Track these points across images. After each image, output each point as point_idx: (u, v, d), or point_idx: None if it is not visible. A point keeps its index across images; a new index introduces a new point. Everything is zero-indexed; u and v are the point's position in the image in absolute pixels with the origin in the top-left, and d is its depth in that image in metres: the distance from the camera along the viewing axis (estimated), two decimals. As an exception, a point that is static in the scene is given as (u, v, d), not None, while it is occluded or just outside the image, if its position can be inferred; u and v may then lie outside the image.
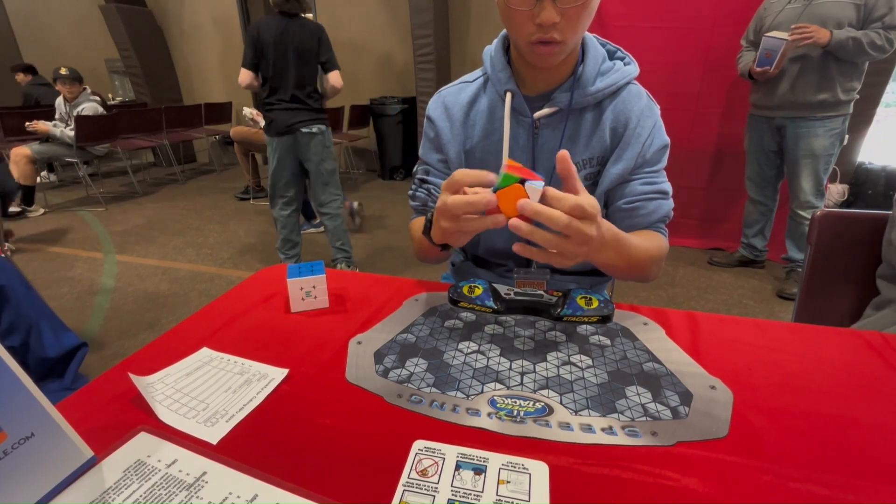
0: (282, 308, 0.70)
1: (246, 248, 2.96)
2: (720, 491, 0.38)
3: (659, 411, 0.47)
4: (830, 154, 2.07)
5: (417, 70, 4.13)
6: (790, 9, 1.97)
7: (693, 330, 0.62)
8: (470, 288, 0.68)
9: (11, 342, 1.26)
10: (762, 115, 2.20)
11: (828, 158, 2.07)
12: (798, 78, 1.99)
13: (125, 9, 4.94)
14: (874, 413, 0.47)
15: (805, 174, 2.11)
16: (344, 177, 4.98)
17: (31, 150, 3.62)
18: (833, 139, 2.04)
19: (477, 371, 0.54)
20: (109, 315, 2.15)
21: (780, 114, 2.11)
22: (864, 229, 0.93)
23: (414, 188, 0.85)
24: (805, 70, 1.97)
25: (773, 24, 2.01)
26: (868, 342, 0.59)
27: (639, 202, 0.73)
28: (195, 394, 0.51)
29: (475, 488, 0.38)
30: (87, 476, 0.40)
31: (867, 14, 1.81)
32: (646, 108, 0.73)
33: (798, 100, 2.02)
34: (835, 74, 1.93)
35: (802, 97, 2.00)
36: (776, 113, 2.12)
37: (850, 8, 1.83)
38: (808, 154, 2.08)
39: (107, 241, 3.13)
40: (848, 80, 1.95)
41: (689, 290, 2.31)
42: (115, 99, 6.01)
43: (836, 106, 1.99)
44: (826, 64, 1.93)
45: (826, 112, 2.00)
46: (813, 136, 2.04)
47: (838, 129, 2.03)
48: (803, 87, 1.99)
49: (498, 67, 0.75)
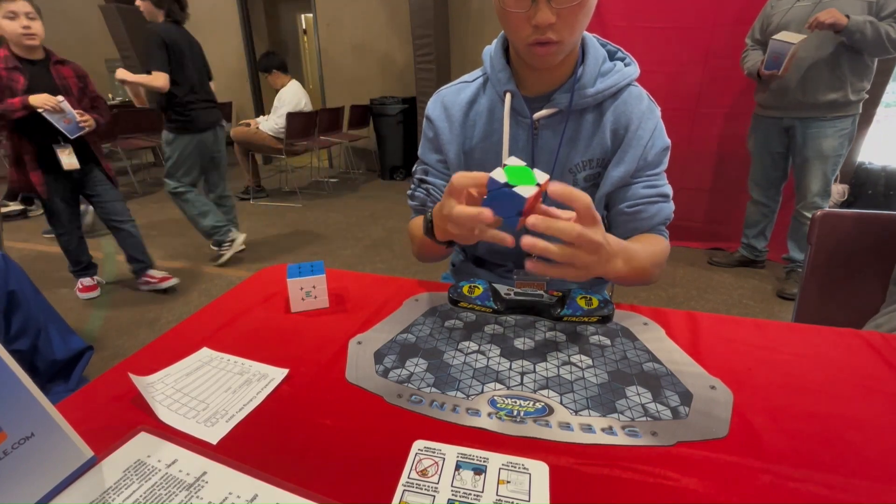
0: (282, 308, 0.70)
1: (246, 248, 2.96)
2: (720, 491, 0.38)
3: (659, 411, 0.47)
4: (839, 155, 2.05)
5: (417, 70, 4.13)
6: (799, 7, 1.94)
7: (693, 330, 0.62)
8: (470, 288, 0.68)
9: (20, 345, 1.28)
10: (770, 116, 2.16)
11: (836, 159, 2.05)
12: (808, 77, 1.95)
13: (125, 9, 4.93)
14: (874, 413, 0.47)
15: (813, 175, 2.08)
16: (344, 177, 4.98)
17: (31, 150, 3.62)
18: (843, 140, 2.02)
19: (477, 371, 0.54)
20: (109, 315, 2.15)
21: (789, 114, 2.08)
22: (865, 229, 0.93)
23: (413, 188, 0.85)
24: (816, 69, 1.93)
25: (782, 24, 1.98)
26: (868, 342, 0.59)
27: (640, 206, 0.73)
28: (195, 394, 0.51)
29: (475, 488, 0.38)
30: (87, 476, 0.40)
31: (878, 10, 1.79)
32: (647, 110, 0.73)
33: (808, 100, 1.98)
34: (846, 73, 1.90)
35: (813, 97, 1.97)
36: (785, 113, 2.09)
37: (862, 5, 1.80)
38: (817, 155, 2.05)
39: (107, 241, 3.13)
40: (859, 80, 1.92)
41: (689, 290, 2.31)
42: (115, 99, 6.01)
43: (847, 106, 1.96)
44: (838, 62, 1.89)
45: (836, 112, 1.98)
46: (823, 136, 2.01)
47: (848, 130, 2.00)
48: (814, 87, 1.96)
49: (497, 68, 0.75)
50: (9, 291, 1.24)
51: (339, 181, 4.80)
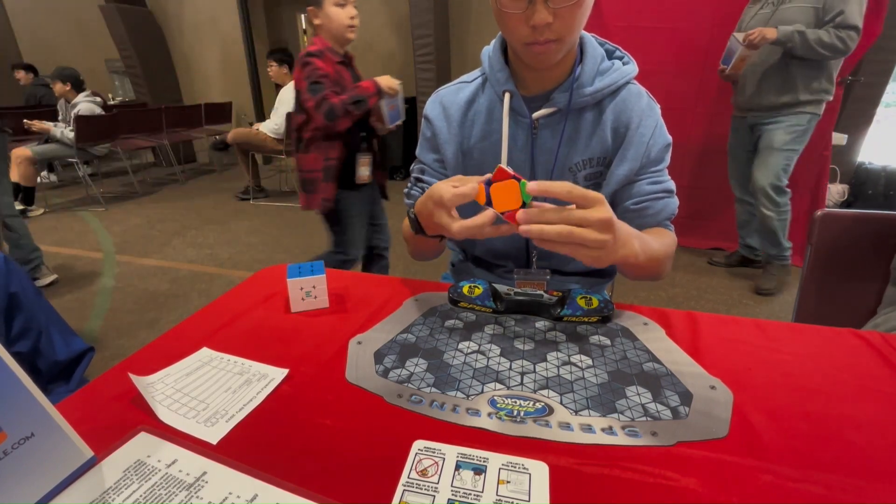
0: (282, 308, 0.70)
1: (246, 248, 2.96)
2: (720, 491, 0.38)
3: (659, 411, 0.47)
4: (791, 150, 2.12)
5: (417, 70, 4.13)
6: (760, 14, 2.08)
7: (693, 330, 0.62)
8: (470, 288, 0.68)
9: (21, 347, 1.27)
10: (739, 116, 2.29)
11: (787, 154, 2.12)
12: (762, 81, 2.09)
13: (125, 9, 4.94)
14: (874, 413, 0.47)
15: (760, 165, 2.18)
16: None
17: (31, 150, 3.62)
18: (794, 135, 2.09)
19: (477, 371, 0.54)
20: (109, 315, 2.15)
21: (750, 114, 2.21)
22: (865, 229, 0.93)
23: (409, 187, 0.85)
24: (768, 74, 2.07)
25: (745, 29, 2.11)
26: (868, 342, 0.59)
27: (647, 202, 0.73)
28: (195, 394, 0.51)
29: (475, 488, 0.38)
30: (87, 476, 0.40)
31: (823, 16, 1.90)
32: (647, 108, 0.73)
33: (763, 102, 2.12)
34: (796, 76, 2.01)
35: (766, 100, 2.10)
36: (747, 113, 2.22)
37: (810, 11, 1.91)
38: (767, 146, 2.15)
39: (107, 241, 3.13)
40: (810, 81, 2.01)
41: (688, 290, 2.31)
42: (115, 99, 6.01)
43: (799, 105, 2.06)
44: (787, 67, 2.01)
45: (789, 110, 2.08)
46: (774, 130, 2.12)
47: (802, 127, 2.08)
48: (766, 90, 2.09)
49: (496, 68, 0.74)
50: (10, 294, 1.24)
51: (339, 181, 4.80)
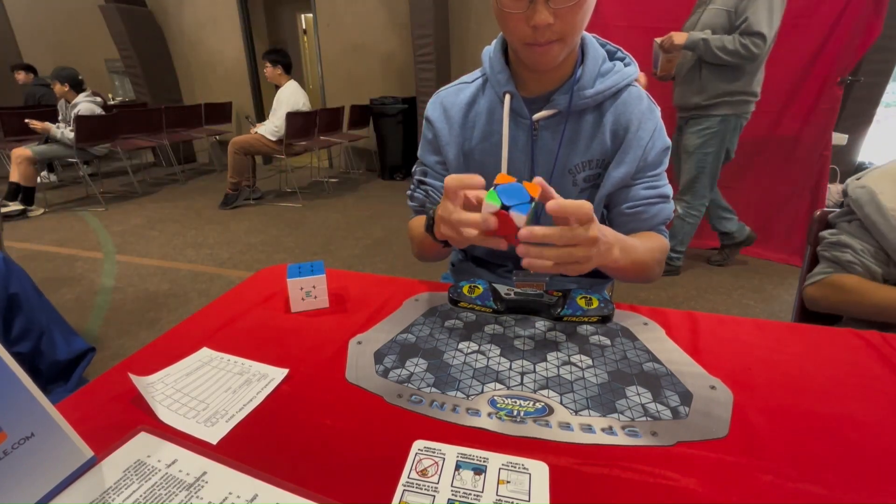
0: (282, 308, 0.70)
1: (246, 248, 2.96)
2: (720, 491, 0.38)
3: (659, 411, 0.47)
4: (704, 153, 2.19)
5: (417, 70, 4.13)
6: (695, 16, 2.18)
7: (693, 330, 0.62)
8: (470, 288, 0.68)
9: (22, 348, 1.27)
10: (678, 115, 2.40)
11: (701, 157, 2.20)
12: (682, 83, 2.21)
13: (125, 9, 4.94)
14: (874, 413, 0.47)
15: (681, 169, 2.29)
16: (344, 177, 4.98)
17: (31, 150, 3.62)
18: (704, 139, 2.16)
19: (477, 371, 0.54)
20: (109, 315, 2.15)
21: (678, 114, 2.33)
22: (864, 229, 0.93)
23: (412, 189, 0.85)
24: (686, 77, 2.18)
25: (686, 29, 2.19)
26: (868, 342, 0.59)
27: (641, 207, 0.73)
28: (195, 394, 0.51)
29: (475, 488, 0.38)
30: (87, 476, 0.40)
31: (734, 21, 1.97)
32: (646, 111, 0.72)
33: (681, 103, 2.24)
34: (706, 79, 2.09)
35: (684, 100, 2.21)
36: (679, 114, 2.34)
37: (724, 15, 1.99)
38: (683, 148, 2.26)
39: (107, 241, 3.13)
40: (716, 83, 2.07)
41: (689, 290, 2.31)
42: (115, 99, 6.01)
43: (710, 108, 2.13)
44: (699, 70, 2.11)
45: (700, 112, 2.16)
46: (688, 131, 2.23)
47: (713, 129, 2.14)
48: (685, 92, 2.20)
49: (497, 69, 0.74)
50: (10, 294, 1.23)
51: (339, 181, 4.80)
